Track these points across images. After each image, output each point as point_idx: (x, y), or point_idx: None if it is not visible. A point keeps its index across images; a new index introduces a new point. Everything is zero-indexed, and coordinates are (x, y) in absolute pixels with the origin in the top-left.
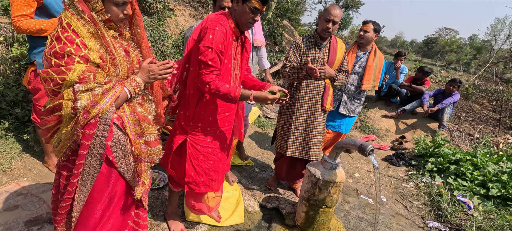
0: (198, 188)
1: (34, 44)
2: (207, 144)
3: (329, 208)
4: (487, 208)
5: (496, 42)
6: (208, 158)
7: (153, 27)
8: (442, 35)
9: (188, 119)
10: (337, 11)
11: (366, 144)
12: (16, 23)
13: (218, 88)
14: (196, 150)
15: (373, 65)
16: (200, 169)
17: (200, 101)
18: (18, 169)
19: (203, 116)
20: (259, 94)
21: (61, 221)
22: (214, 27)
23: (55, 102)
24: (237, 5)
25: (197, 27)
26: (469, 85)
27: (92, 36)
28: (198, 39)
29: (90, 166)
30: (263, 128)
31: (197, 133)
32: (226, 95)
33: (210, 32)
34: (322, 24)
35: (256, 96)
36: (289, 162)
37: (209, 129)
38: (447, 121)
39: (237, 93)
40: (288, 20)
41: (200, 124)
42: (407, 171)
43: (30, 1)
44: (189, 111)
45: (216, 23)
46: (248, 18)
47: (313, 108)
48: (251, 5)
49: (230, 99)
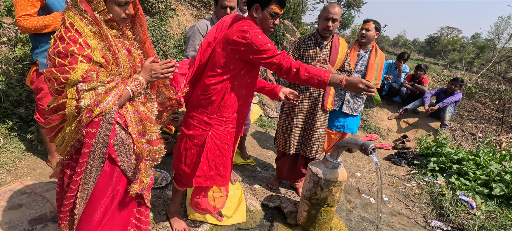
0: (206, 181)
1: (36, 43)
2: (226, 140)
3: (330, 207)
4: (490, 208)
5: (499, 41)
6: (223, 154)
7: (155, 27)
8: (444, 34)
9: (212, 111)
10: (336, 9)
11: (368, 143)
12: (20, 22)
13: (308, 70)
14: (215, 144)
15: (375, 64)
16: (213, 163)
17: (227, 97)
18: (22, 168)
19: (229, 109)
20: (351, 80)
21: (64, 218)
22: (255, 30)
23: (58, 101)
24: (257, 12)
25: (211, 29)
26: (472, 85)
27: (94, 36)
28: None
29: (93, 164)
30: (265, 127)
31: (220, 127)
32: (315, 77)
33: (256, 34)
34: (322, 23)
35: (349, 80)
36: (290, 161)
37: (231, 126)
38: (449, 120)
39: (327, 76)
40: (290, 20)
41: (224, 117)
42: (409, 170)
43: (34, 1)
44: (212, 107)
45: (253, 27)
46: (270, 23)
47: (313, 107)
48: (271, 11)
49: (320, 82)
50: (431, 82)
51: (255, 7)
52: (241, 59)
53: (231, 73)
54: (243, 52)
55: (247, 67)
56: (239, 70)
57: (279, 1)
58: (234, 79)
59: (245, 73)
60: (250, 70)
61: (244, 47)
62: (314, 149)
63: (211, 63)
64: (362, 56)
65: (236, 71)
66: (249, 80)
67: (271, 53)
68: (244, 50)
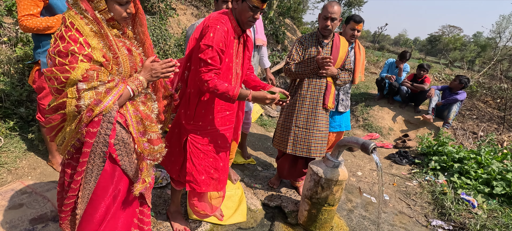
0: (199, 187)
1: (38, 43)
2: (207, 143)
3: (331, 206)
4: (492, 207)
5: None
6: (208, 156)
7: (155, 26)
8: (445, 33)
9: (189, 117)
10: (335, 8)
11: (369, 142)
12: (23, 22)
13: (216, 87)
14: (196, 148)
15: (361, 58)
16: (200, 167)
17: (200, 100)
18: (23, 168)
19: (204, 114)
20: (257, 94)
21: (65, 218)
22: (215, 26)
23: (59, 100)
24: (237, 3)
25: (199, 25)
26: (473, 83)
27: (95, 35)
28: (200, 38)
29: (94, 163)
30: (266, 126)
31: (197, 131)
32: (224, 94)
33: (211, 31)
34: (321, 22)
35: (254, 96)
36: (291, 160)
37: (209, 128)
38: (453, 119)
39: (235, 93)
40: (291, 19)
41: (200, 122)
42: (410, 169)
43: (37, 1)
44: (190, 110)
45: (218, 21)
46: (249, 16)
47: (314, 106)
48: (251, 3)
49: (228, 98)
50: (433, 81)
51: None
52: None
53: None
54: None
55: None
56: None
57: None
58: None
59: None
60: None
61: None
62: (319, 148)
63: (193, 59)
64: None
65: None
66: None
67: (204, 57)
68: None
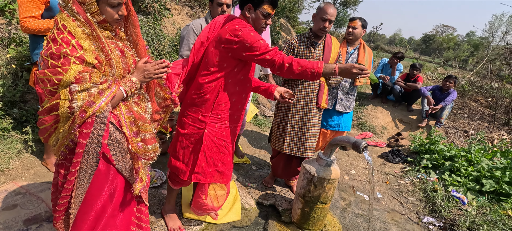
0: (205, 178)
1: (36, 44)
2: (223, 137)
3: (324, 204)
4: (481, 203)
5: (493, 39)
6: (220, 150)
7: (149, 26)
8: (439, 33)
9: (206, 109)
10: (332, 10)
11: (360, 140)
12: (25, 24)
13: (300, 63)
14: (212, 141)
15: (364, 60)
16: (210, 160)
17: (221, 95)
18: (16, 169)
19: (223, 107)
20: (344, 66)
21: (59, 218)
22: (247, 28)
23: (52, 102)
24: (250, 12)
25: (204, 29)
26: (465, 82)
27: (87, 37)
28: (221, 41)
29: (87, 164)
30: (260, 126)
31: (215, 124)
32: (309, 69)
33: (248, 32)
34: (318, 23)
35: (341, 68)
36: (285, 160)
37: (226, 122)
38: (445, 118)
39: (320, 67)
40: (286, 19)
41: (219, 114)
42: (402, 167)
43: (39, 4)
44: (208, 103)
45: (245, 25)
46: (262, 23)
47: (308, 106)
48: (264, 11)
49: (313, 73)
50: (426, 80)
51: (247, 7)
52: (234, 57)
53: (224, 71)
54: (236, 50)
55: (239, 65)
56: (232, 68)
57: (271, 2)
58: (227, 77)
59: (238, 71)
60: (243, 67)
61: (237, 45)
62: (313, 148)
63: (204, 62)
64: (351, 53)
65: (229, 69)
66: (242, 77)
67: (263, 50)
68: (237, 48)
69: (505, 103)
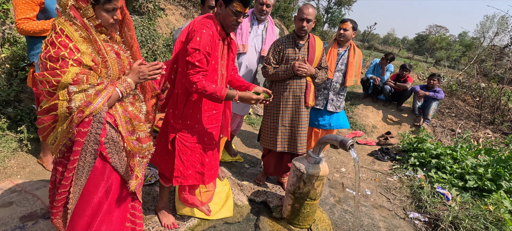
0: (186, 180)
1: (32, 45)
2: (195, 141)
3: (313, 200)
4: (464, 199)
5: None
6: (195, 152)
7: (144, 26)
8: (432, 33)
9: (177, 117)
10: (310, 9)
11: (347, 139)
12: (20, 25)
13: (205, 88)
14: (184, 146)
15: (354, 62)
16: (187, 163)
17: (188, 100)
18: (12, 167)
19: (191, 114)
20: (243, 95)
21: (57, 213)
22: (201, 30)
23: (51, 102)
24: (221, 8)
25: (184, 29)
26: (453, 82)
27: (84, 41)
28: (186, 41)
29: (85, 161)
30: (253, 125)
31: (185, 130)
32: (212, 95)
33: (197, 35)
34: (297, 23)
35: (241, 96)
36: (276, 157)
37: (197, 126)
38: (432, 115)
39: (223, 93)
40: (280, 18)
41: (188, 121)
42: (391, 165)
43: (34, 5)
44: (178, 110)
45: (203, 26)
46: (232, 20)
47: (297, 105)
48: (233, 8)
49: (216, 98)
50: (416, 80)
51: (219, 3)
52: None
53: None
54: None
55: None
56: None
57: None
58: None
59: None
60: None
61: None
62: (304, 144)
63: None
64: (342, 55)
65: None
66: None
67: (192, 60)
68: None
69: (491, 103)
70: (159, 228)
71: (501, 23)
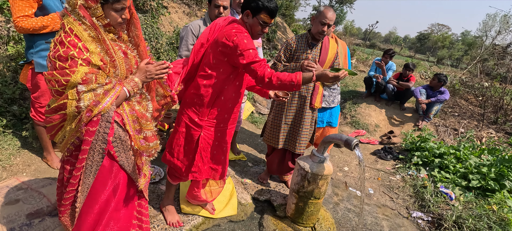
0: (201, 175)
1: (31, 44)
2: (217, 139)
3: (317, 199)
4: (468, 199)
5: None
6: (215, 150)
7: (147, 24)
8: (434, 31)
9: (202, 114)
10: (331, 14)
11: (352, 138)
12: (18, 23)
13: (280, 78)
14: (207, 144)
15: (341, 54)
16: (206, 159)
17: (217, 100)
18: (17, 165)
19: (220, 113)
20: (321, 73)
21: (65, 211)
22: (243, 34)
23: (60, 101)
24: (248, 18)
25: (204, 31)
26: (456, 82)
27: (93, 40)
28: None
29: (93, 160)
30: (256, 124)
31: (211, 128)
32: (290, 82)
33: (242, 38)
34: (317, 26)
35: (318, 75)
36: (280, 156)
37: (222, 126)
38: (434, 115)
39: (299, 78)
40: (282, 16)
41: (216, 120)
42: (394, 164)
43: (32, 2)
44: (203, 109)
45: (241, 31)
46: (258, 30)
47: (302, 105)
48: (261, 19)
49: (293, 85)
50: (419, 79)
51: (246, 12)
52: (229, 63)
53: (221, 75)
54: (230, 55)
55: (235, 71)
56: (228, 74)
57: (269, 11)
58: (223, 83)
59: (234, 77)
60: (239, 73)
61: (230, 50)
62: (303, 145)
63: (203, 64)
64: None
65: (225, 76)
66: (237, 83)
67: (250, 59)
68: (230, 53)
69: (494, 102)
70: (164, 226)
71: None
